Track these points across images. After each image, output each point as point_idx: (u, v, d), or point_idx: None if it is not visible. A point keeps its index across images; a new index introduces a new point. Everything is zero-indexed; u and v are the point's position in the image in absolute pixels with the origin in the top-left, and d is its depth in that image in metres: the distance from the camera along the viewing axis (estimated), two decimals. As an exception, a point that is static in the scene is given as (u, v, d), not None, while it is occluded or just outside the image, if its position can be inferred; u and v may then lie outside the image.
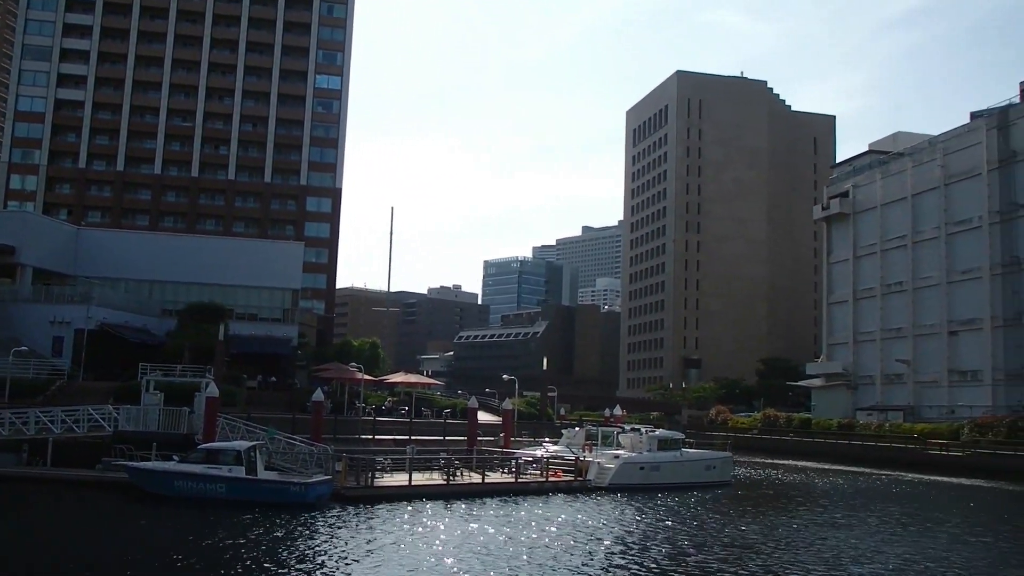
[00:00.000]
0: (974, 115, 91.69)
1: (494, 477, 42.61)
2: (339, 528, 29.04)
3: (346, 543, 26.24)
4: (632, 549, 27.16)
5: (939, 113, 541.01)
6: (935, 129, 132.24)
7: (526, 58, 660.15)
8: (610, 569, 23.84)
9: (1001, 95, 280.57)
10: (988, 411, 78.18)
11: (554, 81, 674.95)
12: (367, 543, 26.34)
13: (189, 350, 54.20)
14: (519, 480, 42.20)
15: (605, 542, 28.17)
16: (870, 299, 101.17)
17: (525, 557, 24.93)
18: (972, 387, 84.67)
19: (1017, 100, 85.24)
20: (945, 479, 60.81)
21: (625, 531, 31.01)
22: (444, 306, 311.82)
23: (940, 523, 36.49)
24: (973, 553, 28.59)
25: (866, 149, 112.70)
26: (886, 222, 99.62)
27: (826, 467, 68.13)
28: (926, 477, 61.69)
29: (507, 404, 59.32)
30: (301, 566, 22.80)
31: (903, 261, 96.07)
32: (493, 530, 29.78)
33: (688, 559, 25.59)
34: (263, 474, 34.82)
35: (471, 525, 30.86)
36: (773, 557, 26.34)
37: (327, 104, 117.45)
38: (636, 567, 24.20)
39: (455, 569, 23.02)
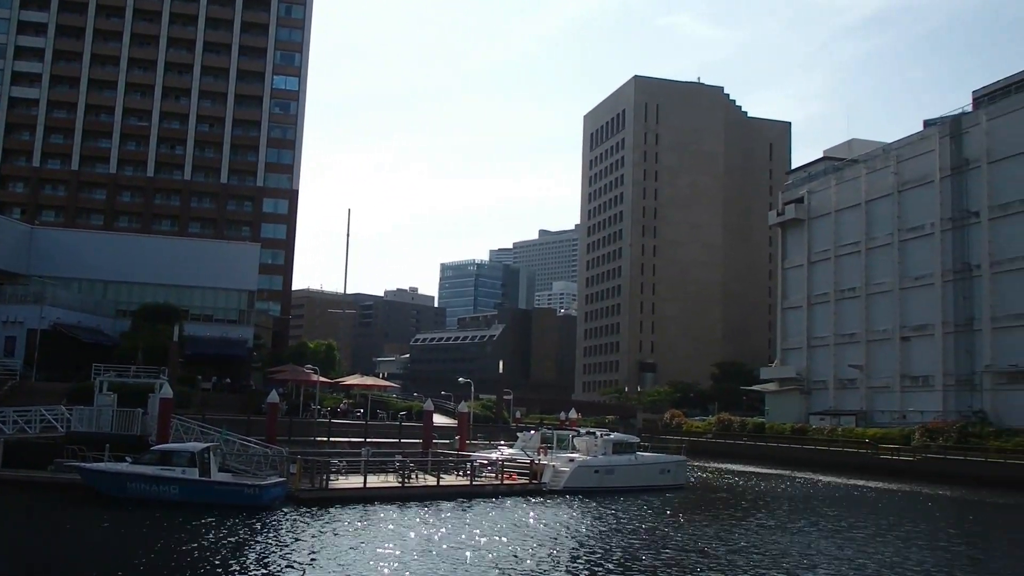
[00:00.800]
0: (927, 123, 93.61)
1: (449, 480, 42.40)
2: (293, 530, 28.66)
3: (299, 545, 25.91)
4: (583, 552, 27.14)
5: (893, 121, 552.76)
6: (889, 136, 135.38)
7: (485, 62, 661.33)
8: (560, 572, 23.74)
9: (954, 104, 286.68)
10: (939, 416, 79.74)
11: (512, 85, 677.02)
12: (320, 545, 26.06)
13: (143, 351, 53.26)
14: (474, 483, 42.05)
15: (557, 545, 28.11)
16: (824, 304, 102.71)
17: (477, 560, 24.78)
18: (923, 392, 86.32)
19: (970, 109, 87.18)
20: (895, 485, 61.71)
21: (577, 534, 31.00)
22: (400, 308, 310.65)
23: (887, 529, 37.01)
24: (907, 557, 29.02)
25: (821, 155, 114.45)
26: (840, 228, 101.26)
27: (779, 472, 68.85)
28: (876, 484, 62.57)
29: (463, 407, 59.22)
30: (254, 568, 22.41)
31: (857, 267, 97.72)
32: (447, 533, 29.60)
33: (638, 562, 25.58)
34: (217, 476, 34.27)
35: (425, 527, 30.65)
36: (722, 561, 26.47)
37: (284, 105, 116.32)
38: (586, 570, 24.15)
39: (406, 572, 22.78)
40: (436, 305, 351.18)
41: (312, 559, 23.98)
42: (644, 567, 24.92)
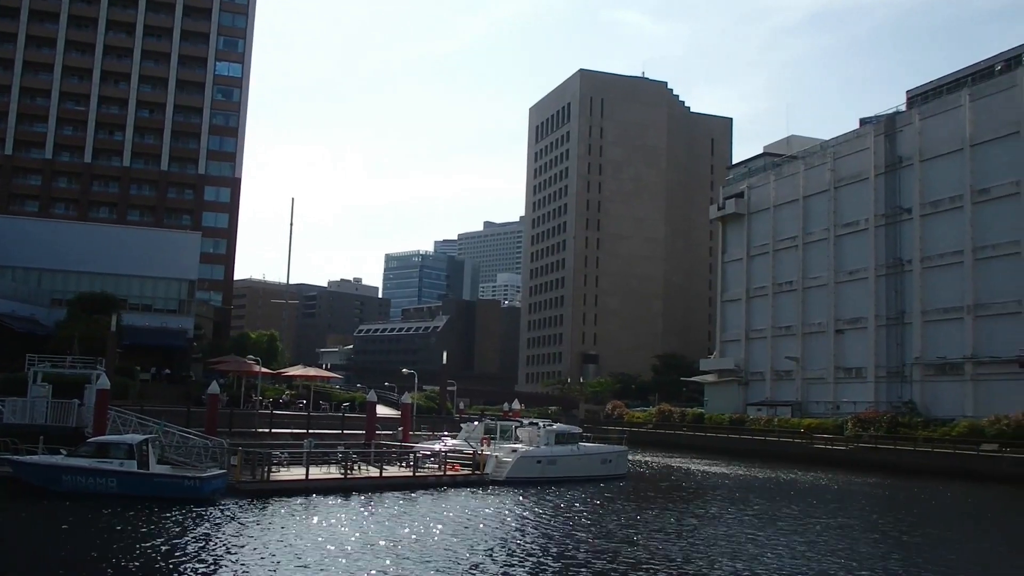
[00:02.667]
0: (863, 121, 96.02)
1: (392, 471, 42.36)
2: (232, 523, 28.47)
3: (238, 538, 25.73)
4: (521, 542, 27.42)
5: (831, 118, 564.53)
6: (827, 134, 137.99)
7: (432, 53, 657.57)
8: (496, 563, 24.06)
9: (889, 103, 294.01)
10: (870, 407, 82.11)
11: (459, 76, 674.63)
12: (259, 538, 25.86)
13: (79, 341, 52.15)
14: (417, 474, 42.08)
15: (495, 536, 28.34)
16: (762, 298, 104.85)
17: (414, 550, 24.93)
18: (856, 383, 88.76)
19: (904, 108, 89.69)
20: (829, 474, 63.41)
21: (517, 524, 31.32)
22: (344, 299, 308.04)
23: (815, 517, 38.17)
24: (837, 546, 30.02)
25: (761, 151, 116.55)
26: (778, 223, 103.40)
27: (717, 462, 70.25)
28: (811, 473, 64.21)
29: (406, 398, 59.24)
30: (191, 562, 22.22)
31: (794, 261, 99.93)
32: (387, 524, 29.69)
33: (573, 553, 26.02)
34: (155, 468, 33.82)
35: (365, 519, 30.71)
36: (658, 549, 27.07)
37: (227, 92, 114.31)
38: (521, 561, 24.48)
39: (346, 563, 22.85)
40: (380, 296, 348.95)
41: (251, 551, 23.84)
42: (579, 557, 25.34)
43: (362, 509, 33.23)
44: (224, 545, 24.53)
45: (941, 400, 78.21)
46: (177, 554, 23.00)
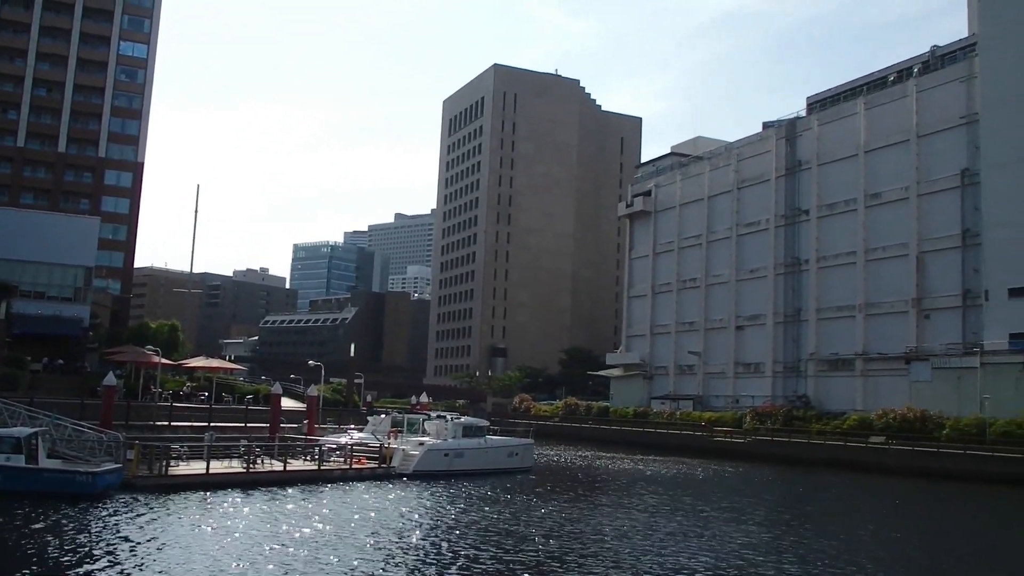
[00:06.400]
0: (766, 125, 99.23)
1: (296, 465, 41.81)
2: (125, 519, 27.54)
3: (130, 535, 24.86)
4: (420, 535, 27.48)
5: (736, 120, 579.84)
6: (732, 135, 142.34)
7: (345, 40, 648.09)
8: (392, 555, 24.01)
9: (791, 107, 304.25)
10: (768, 400, 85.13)
11: (373, 65, 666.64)
12: (152, 535, 25.05)
13: (-37, 329, 49.60)
14: (322, 468, 41.61)
15: (396, 529, 28.31)
16: (667, 294, 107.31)
17: (313, 546, 24.67)
18: (755, 378, 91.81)
19: (804, 113, 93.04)
20: (727, 465, 65.32)
21: (418, 518, 31.30)
22: (250, 289, 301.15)
23: (713, 505, 39.39)
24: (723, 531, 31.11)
25: (669, 151, 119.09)
26: (684, 221, 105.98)
27: (621, 454, 71.56)
28: (711, 464, 66.04)
29: (312, 391, 58.39)
30: (77, 560, 21.40)
31: (698, 259, 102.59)
32: (289, 519, 29.32)
33: (472, 544, 26.21)
34: (45, 463, 32.46)
35: (267, 514, 30.22)
36: (552, 541, 27.50)
37: (131, 73, 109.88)
38: (417, 553, 24.56)
39: (239, 560, 22.43)
40: (288, 287, 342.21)
41: (141, 549, 23.05)
42: (474, 551, 25.51)
43: (263, 504, 32.66)
44: (113, 543, 23.68)
45: (833, 394, 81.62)
46: (62, 553, 22.12)
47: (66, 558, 21.55)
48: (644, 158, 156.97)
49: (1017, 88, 68.50)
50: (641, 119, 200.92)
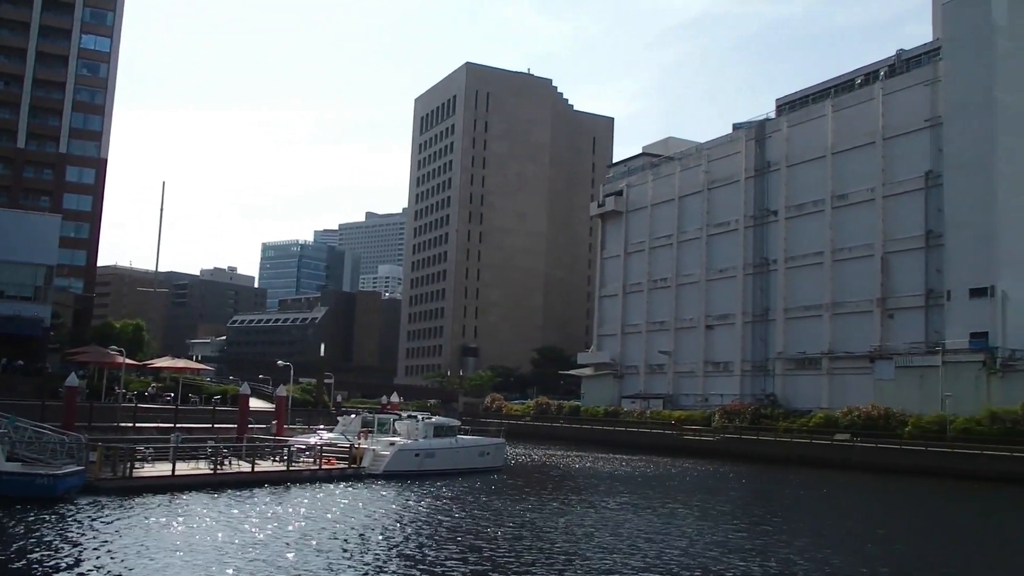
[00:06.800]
0: (736, 126, 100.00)
1: (265, 466, 41.30)
2: (86, 523, 27.00)
3: (91, 539, 24.33)
4: (387, 535, 27.31)
5: (707, 121, 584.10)
6: (703, 136, 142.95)
7: (317, 38, 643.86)
8: (364, 555, 23.85)
9: (761, 109, 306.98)
10: (736, 399, 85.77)
11: (344, 63, 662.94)
12: (113, 538, 24.55)
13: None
14: (291, 468, 41.19)
15: (362, 529, 28.10)
16: (638, 293, 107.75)
17: (279, 547, 24.42)
18: (724, 377, 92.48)
19: (773, 115, 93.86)
20: (697, 463, 65.66)
21: (385, 518, 31.09)
22: (218, 288, 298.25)
23: (681, 503, 39.57)
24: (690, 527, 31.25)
25: (640, 151, 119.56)
26: (655, 221, 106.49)
27: (592, 453, 71.70)
28: (680, 462, 66.35)
29: (281, 391, 57.86)
30: (35, 565, 20.96)
31: (668, 258, 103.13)
32: (257, 520, 29.02)
33: (435, 546, 26.10)
34: (5, 466, 31.78)
35: (234, 516, 29.84)
36: (525, 541, 27.45)
37: (93, 67, 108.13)
38: (387, 553, 24.41)
39: (208, 561, 22.13)
40: (256, 286, 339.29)
41: (103, 552, 22.63)
42: (439, 550, 25.40)
43: (230, 506, 32.26)
44: (74, 547, 23.18)
45: (800, 393, 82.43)
46: (19, 557, 21.63)
47: (22, 563, 21.09)
48: (616, 158, 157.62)
49: (978, 93, 69.63)
50: (613, 119, 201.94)
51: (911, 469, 56.95)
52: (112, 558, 22.08)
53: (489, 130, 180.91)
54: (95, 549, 23.05)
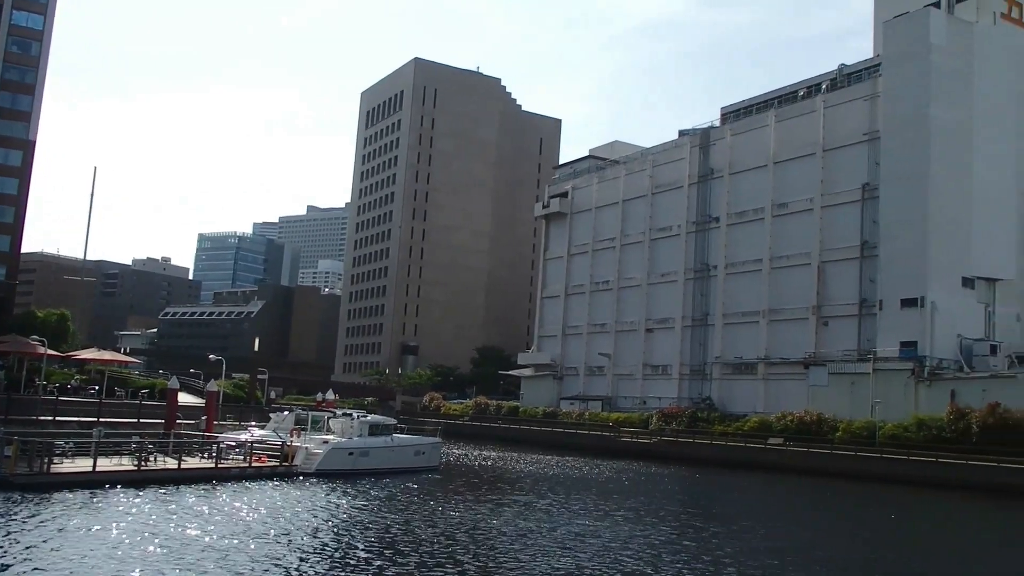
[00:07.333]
0: (681, 133, 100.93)
1: (192, 463, 40.20)
2: (-1, 519, 25.76)
3: (3, 536, 23.21)
4: (315, 535, 26.68)
5: (654, 127, 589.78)
6: (649, 141, 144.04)
7: (262, 26, 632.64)
8: (287, 556, 23.18)
9: (706, 117, 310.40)
10: (673, 402, 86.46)
11: (290, 52, 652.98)
12: (27, 535, 23.43)
13: None
14: (219, 466, 40.08)
15: (291, 529, 27.40)
16: (579, 295, 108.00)
17: (202, 546, 23.60)
18: (662, 380, 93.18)
19: (718, 123, 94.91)
20: (633, 465, 65.85)
21: (316, 517, 30.40)
22: (150, 279, 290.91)
23: (614, 504, 39.47)
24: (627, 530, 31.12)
25: (587, 154, 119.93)
26: (599, 224, 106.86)
27: (529, 454, 71.45)
28: (616, 464, 66.44)
29: (212, 386, 56.35)
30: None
31: (611, 261, 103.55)
32: (179, 518, 28.08)
33: (367, 545, 25.55)
34: (-91, 460, 30.19)
35: (156, 513, 28.83)
36: (455, 542, 26.97)
37: (24, 45, 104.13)
38: (311, 554, 23.78)
39: (122, 561, 21.15)
40: (191, 278, 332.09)
41: (12, 551, 21.51)
42: (364, 552, 24.80)
43: (153, 503, 31.12)
44: (-14, 545, 22.03)
45: (736, 397, 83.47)
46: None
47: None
48: (562, 160, 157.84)
49: (915, 109, 71.35)
50: (561, 121, 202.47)
51: (841, 473, 58.02)
52: (16, 557, 20.92)
53: (436, 127, 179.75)
54: (4, 546, 21.85)
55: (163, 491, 34.17)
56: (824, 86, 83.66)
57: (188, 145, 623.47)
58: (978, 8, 75.77)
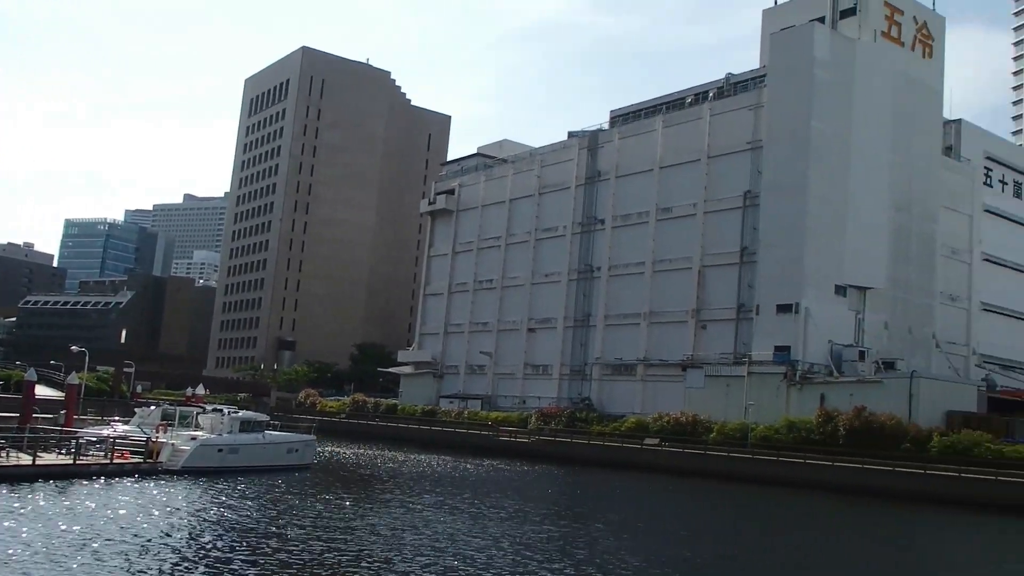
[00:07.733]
0: (571, 134, 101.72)
1: (48, 458, 37.86)
2: None
3: None
4: (173, 535, 25.45)
5: (543, 126, 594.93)
6: (538, 141, 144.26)
7: (143, 5, 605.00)
8: (139, 558, 21.88)
9: (595, 119, 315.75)
10: (553, 402, 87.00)
11: (173, 36, 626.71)
12: None
13: None
14: (78, 462, 37.84)
15: (147, 529, 25.99)
16: (463, 293, 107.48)
17: (51, 549, 21.95)
18: (543, 380, 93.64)
19: (607, 126, 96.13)
20: (510, 464, 65.80)
21: (176, 517, 29.05)
22: (10, 265, 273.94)
23: (489, 504, 39.13)
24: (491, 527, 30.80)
25: (475, 152, 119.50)
26: (485, 222, 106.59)
27: (408, 453, 70.47)
28: (493, 463, 66.26)
29: (72, 378, 53.01)
30: None
31: (496, 260, 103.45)
32: (27, 517, 26.26)
33: (228, 546, 24.40)
34: None
35: (3, 511, 26.64)
36: (322, 542, 26.08)
37: None
38: (166, 555, 22.57)
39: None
40: (56, 265, 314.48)
41: None
42: (224, 553, 23.62)
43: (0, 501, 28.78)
44: None
45: (615, 398, 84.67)
46: None
47: None
48: (451, 157, 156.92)
49: (797, 120, 74.04)
50: (450, 117, 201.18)
51: (714, 474, 59.47)
52: None
53: (322, 118, 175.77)
54: None
55: (14, 488, 31.90)
56: (711, 94, 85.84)
57: (58, 126, 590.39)
58: (860, 25, 79.04)
